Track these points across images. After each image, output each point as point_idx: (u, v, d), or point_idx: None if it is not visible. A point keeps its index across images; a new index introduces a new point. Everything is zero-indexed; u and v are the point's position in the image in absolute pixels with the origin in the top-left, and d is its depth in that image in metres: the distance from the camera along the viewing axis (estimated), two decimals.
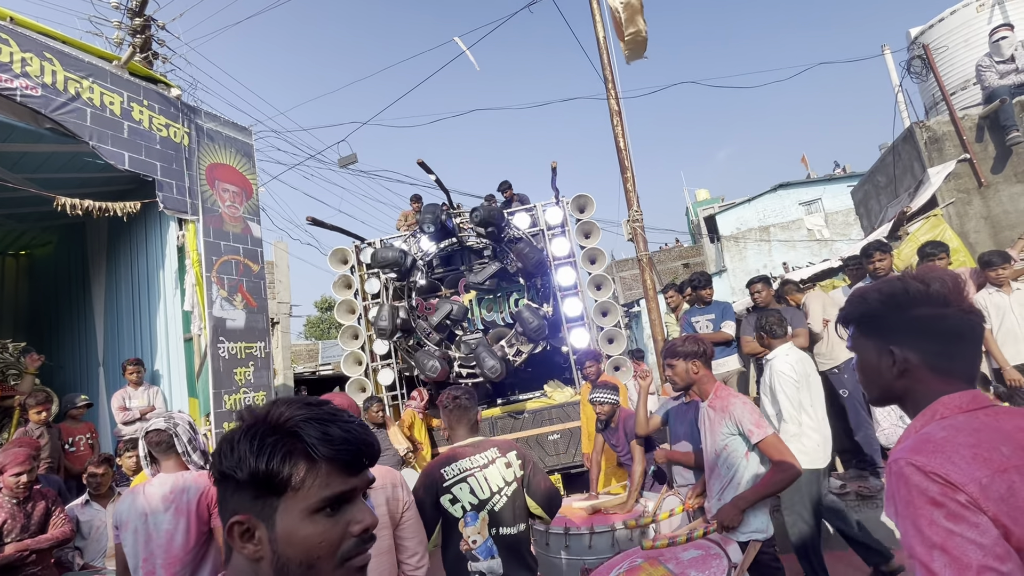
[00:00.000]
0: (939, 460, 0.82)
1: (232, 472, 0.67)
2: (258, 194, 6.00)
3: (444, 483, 2.00)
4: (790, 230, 17.19)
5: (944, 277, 0.97)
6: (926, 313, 0.95)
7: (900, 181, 6.25)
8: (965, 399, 0.91)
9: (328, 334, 30.81)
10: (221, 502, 0.70)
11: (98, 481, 3.73)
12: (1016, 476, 0.78)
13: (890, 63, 8.00)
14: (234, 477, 0.67)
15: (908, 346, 0.96)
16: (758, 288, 4.64)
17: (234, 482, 0.68)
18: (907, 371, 0.96)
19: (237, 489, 0.68)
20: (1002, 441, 0.83)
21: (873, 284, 1.07)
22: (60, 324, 6.83)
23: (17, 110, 4.09)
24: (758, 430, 2.31)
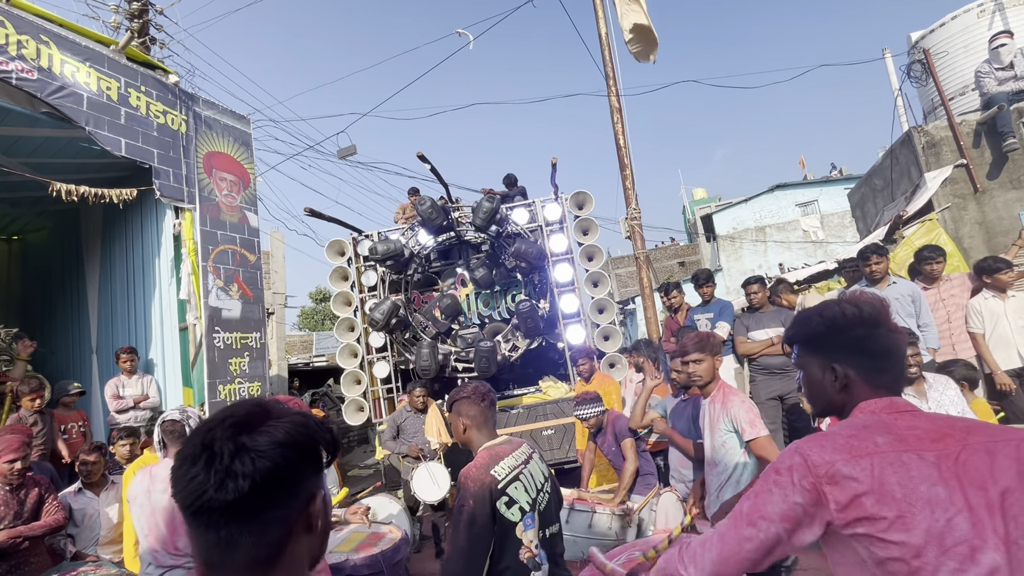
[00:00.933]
0: (811, 445, 1.00)
1: (310, 453, 0.73)
2: (255, 184, 5.96)
3: (498, 485, 1.77)
4: (786, 231, 17.28)
5: (873, 301, 1.12)
6: (861, 333, 1.09)
7: (897, 185, 6.28)
8: (880, 404, 1.05)
9: (322, 325, 30.72)
10: (291, 483, 0.71)
11: (90, 469, 3.72)
12: (877, 460, 0.94)
13: (890, 66, 8.04)
14: (312, 456, 0.73)
15: (847, 363, 1.09)
16: (754, 289, 4.67)
17: (312, 460, 0.73)
18: (847, 385, 1.09)
19: (312, 468, 0.74)
20: (882, 434, 0.98)
21: (814, 308, 1.19)
22: (53, 310, 6.77)
23: (12, 93, 4.04)
24: (751, 429, 2.34)
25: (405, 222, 7.41)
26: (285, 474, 0.69)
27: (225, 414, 0.72)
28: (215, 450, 0.66)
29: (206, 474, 0.65)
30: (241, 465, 0.66)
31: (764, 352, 4.47)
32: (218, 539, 0.67)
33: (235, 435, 0.68)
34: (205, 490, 0.65)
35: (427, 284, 6.82)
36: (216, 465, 0.66)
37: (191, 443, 0.69)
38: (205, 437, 0.68)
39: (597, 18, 7.60)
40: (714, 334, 2.64)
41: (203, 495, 0.65)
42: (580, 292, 6.28)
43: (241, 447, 0.67)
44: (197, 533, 0.68)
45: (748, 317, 4.67)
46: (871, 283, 4.11)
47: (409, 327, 6.40)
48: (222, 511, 0.66)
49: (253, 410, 0.73)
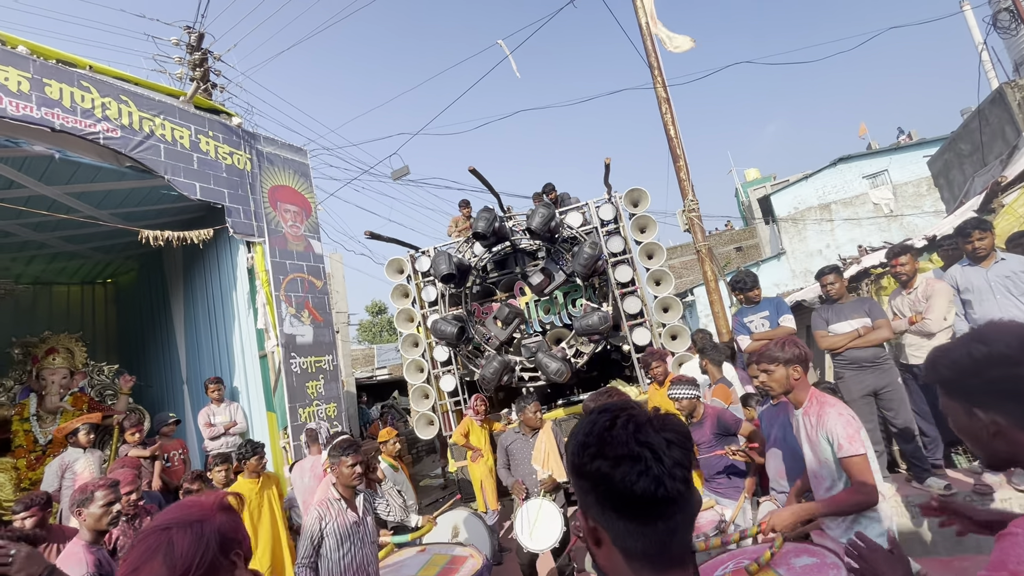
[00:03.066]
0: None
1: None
2: (316, 212, 6.19)
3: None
4: (854, 206, 16.14)
5: (1006, 336, 0.96)
6: (996, 375, 0.94)
7: (989, 148, 5.69)
8: None
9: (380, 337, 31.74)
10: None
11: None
12: None
13: (971, 19, 7.28)
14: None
15: (991, 408, 0.94)
16: (830, 280, 4.17)
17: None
18: (999, 432, 0.94)
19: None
20: None
21: (941, 348, 1.05)
22: (146, 346, 7.32)
23: (101, 152, 4.39)
24: (848, 445, 2.15)
25: (459, 235, 7.49)
26: (691, 462, 0.77)
27: (632, 414, 0.77)
28: (654, 444, 0.72)
29: (659, 466, 0.71)
30: (677, 455, 0.73)
31: (851, 345, 4.13)
32: (667, 529, 0.73)
33: (661, 431, 0.75)
34: (662, 481, 0.71)
35: (486, 295, 6.85)
36: (663, 457, 0.72)
37: (622, 444, 0.73)
38: (637, 436, 0.73)
39: (636, 8, 7.39)
40: (798, 341, 2.41)
41: (660, 486, 0.71)
42: (642, 291, 6.10)
43: (670, 442, 0.74)
44: (645, 526, 0.73)
45: (826, 309, 4.29)
46: (975, 261, 3.72)
47: (472, 340, 6.44)
48: (674, 500, 0.72)
49: (644, 411, 0.79)
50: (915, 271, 3.97)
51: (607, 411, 0.79)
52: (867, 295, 5.43)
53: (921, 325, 3.85)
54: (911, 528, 3.80)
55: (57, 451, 4.85)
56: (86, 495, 2.65)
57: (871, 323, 3.97)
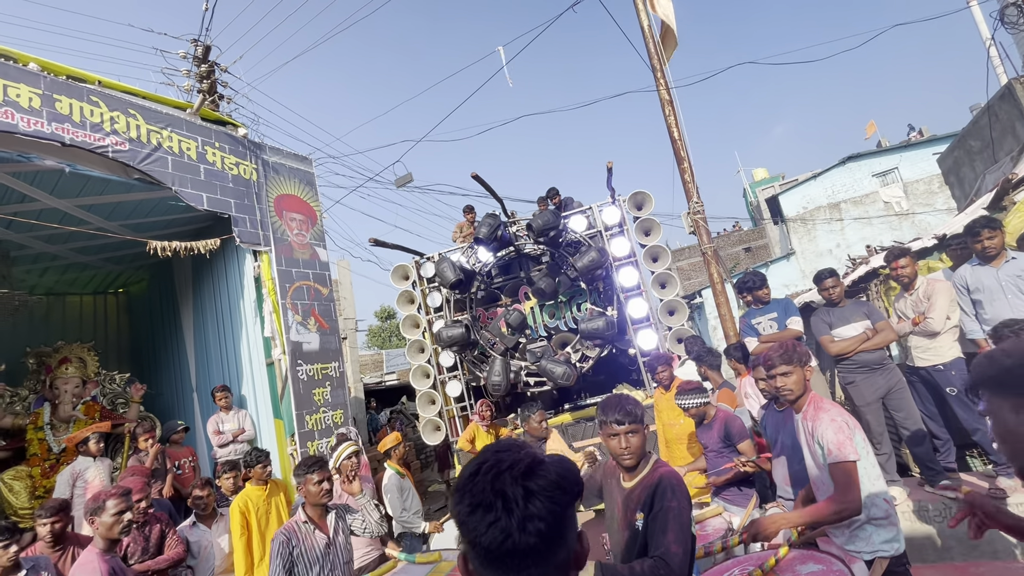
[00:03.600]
0: None
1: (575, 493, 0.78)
2: (322, 220, 6.25)
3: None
4: (864, 204, 15.96)
5: None
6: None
7: (999, 144, 5.61)
8: None
9: (390, 342, 31.85)
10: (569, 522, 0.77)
11: (204, 503, 3.99)
12: None
13: (978, 15, 7.19)
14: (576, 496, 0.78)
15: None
16: (830, 284, 4.08)
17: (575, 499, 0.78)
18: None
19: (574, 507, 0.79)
20: None
21: (1002, 347, 1.05)
22: (156, 354, 7.42)
23: (110, 165, 4.47)
24: (837, 452, 2.12)
25: (463, 240, 7.51)
26: (564, 515, 0.72)
27: (501, 460, 0.74)
28: (508, 495, 0.69)
29: (507, 518, 0.68)
30: (535, 508, 0.69)
31: (861, 348, 4.07)
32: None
33: (522, 480, 0.71)
34: (509, 534, 0.68)
35: (491, 300, 6.86)
36: (515, 509, 0.68)
37: (477, 490, 0.71)
38: (494, 484, 0.71)
39: (638, 11, 7.39)
40: (800, 343, 2.41)
41: (508, 538, 0.68)
42: (648, 295, 6.08)
43: (530, 491, 0.70)
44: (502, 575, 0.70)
45: (827, 313, 4.21)
46: (984, 260, 3.66)
47: (477, 345, 6.45)
48: (525, 554, 0.68)
49: (524, 455, 0.75)
50: (915, 273, 3.92)
51: (483, 454, 0.78)
52: (876, 296, 5.36)
53: (924, 325, 3.80)
54: (925, 532, 3.74)
55: (70, 459, 4.92)
56: (98, 504, 2.69)
57: (872, 325, 3.92)
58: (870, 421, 3.91)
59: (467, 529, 0.71)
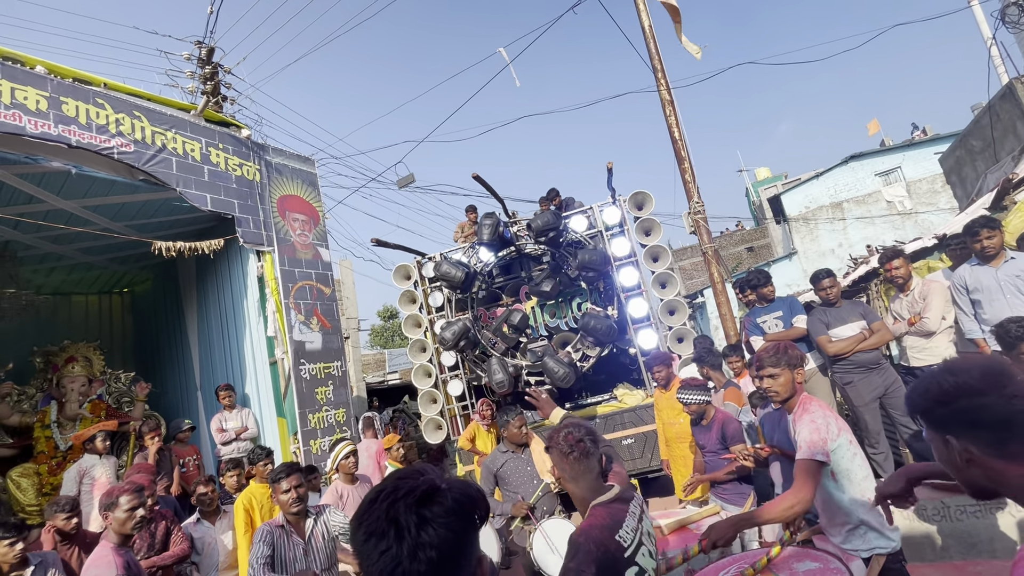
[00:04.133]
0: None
1: (473, 519, 0.79)
2: (324, 220, 6.30)
3: (625, 554, 1.49)
4: (866, 204, 15.92)
5: (973, 368, 1.02)
6: (966, 405, 0.99)
7: (1000, 144, 5.61)
8: None
9: (392, 342, 31.94)
10: (467, 549, 0.77)
11: (209, 499, 4.05)
12: None
13: (979, 15, 7.18)
14: (475, 522, 0.79)
15: (963, 437, 0.99)
16: (826, 284, 4.10)
17: (475, 526, 0.78)
18: (972, 460, 0.99)
19: (475, 534, 0.78)
20: None
21: (919, 382, 1.10)
22: (161, 353, 7.49)
23: (115, 166, 4.53)
24: (805, 448, 2.12)
25: (465, 240, 7.55)
26: (461, 542, 0.72)
27: (398, 487, 0.74)
28: (401, 523, 0.69)
29: (398, 547, 0.68)
30: (427, 536, 0.68)
31: (858, 348, 4.09)
32: None
33: (417, 507, 0.71)
34: (400, 562, 0.68)
35: (492, 300, 6.89)
36: (406, 537, 0.68)
37: (372, 518, 0.71)
38: (389, 512, 0.70)
39: (639, 11, 7.41)
40: (793, 346, 2.41)
41: (398, 567, 0.68)
42: (648, 295, 6.10)
43: (424, 519, 0.70)
44: None
45: (824, 313, 4.23)
46: (983, 260, 3.68)
47: (478, 344, 6.49)
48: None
49: (422, 482, 0.75)
50: (910, 274, 3.93)
51: (384, 481, 0.77)
52: (876, 295, 5.38)
53: (920, 325, 3.81)
54: (923, 531, 3.75)
55: (76, 457, 4.99)
56: (112, 499, 2.74)
57: (868, 326, 3.94)
58: (868, 421, 3.93)
59: (362, 557, 0.70)
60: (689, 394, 3.52)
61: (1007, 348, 2.50)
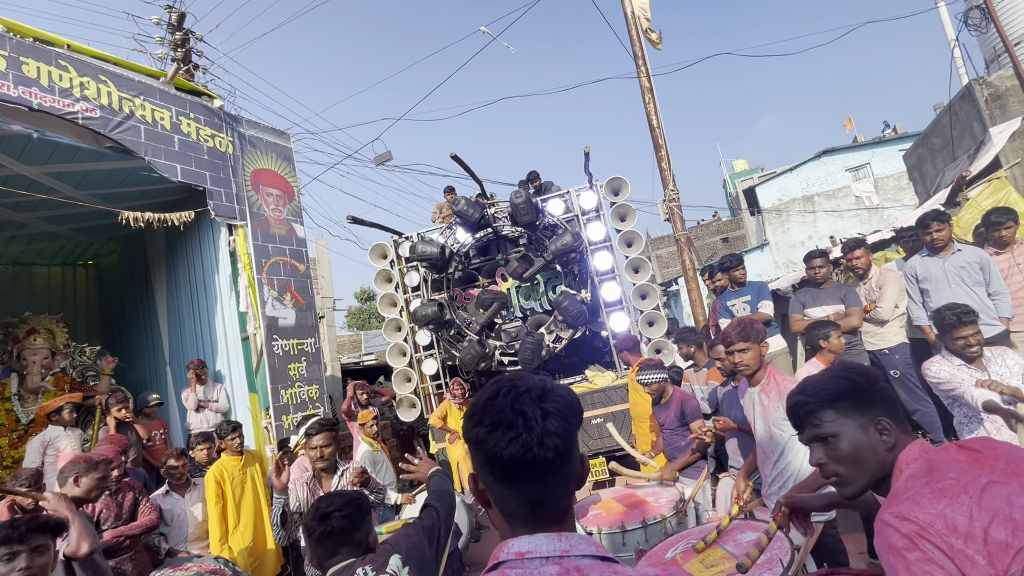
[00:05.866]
0: (907, 507, 0.92)
1: (582, 416, 0.86)
2: (299, 196, 6.21)
3: None
4: (836, 198, 16.40)
5: (855, 364, 1.20)
6: (884, 387, 1.13)
7: (958, 143, 5.87)
8: (916, 449, 1.05)
9: (369, 324, 31.68)
10: (576, 441, 0.85)
11: (179, 472, 4.05)
12: (971, 492, 0.89)
13: (945, 16, 7.42)
14: (580, 420, 0.84)
15: (887, 416, 1.08)
16: (818, 263, 4.33)
17: (580, 423, 0.84)
18: (897, 442, 1.08)
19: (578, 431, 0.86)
20: (949, 470, 0.95)
21: (837, 368, 1.20)
22: (128, 327, 7.33)
23: (80, 132, 4.38)
24: None
25: (443, 221, 7.55)
26: (572, 434, 0.79)
27: (516, 386, 0.79)
28: (528, 414, 0.75)
29: (528, 434, 0.74)
30: (552, 425, 0.75)
31: None
32: (535, 493, 0.76)
33: (539, 401, 0.76)
34: (529, 447, 0.74)
35: (468, 281, 6.94)
36: (535, 426, 0.74)
37: (497, 410, 0.76)
38: (514, 404, 0.76)
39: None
40: (757, 321, 2.57)
41: (528, 451, 0.74)
42: (621, 279, 6.24)
43: (546, 412, 0.76)
44: (514, 488, 0.77)
45: (805, 293, 4.46)
46: (932, 252, 3.89)
47: (454, 324, 6.55)
48: (542, 465, 0.75)
49: (537, 381, 0.81)
50: (869, 263, 4.14)
51: (496, 383, 0.82)
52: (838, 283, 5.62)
53: (874, 313, 4.02)
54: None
55: (39, 430, 4.89)
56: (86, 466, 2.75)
57: (844, 310, 4.13)
58: None
59: (486, 447, 0.76)
60: (647, 374, 3.66)
61: (942, 333, 2.69)
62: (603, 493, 3.44)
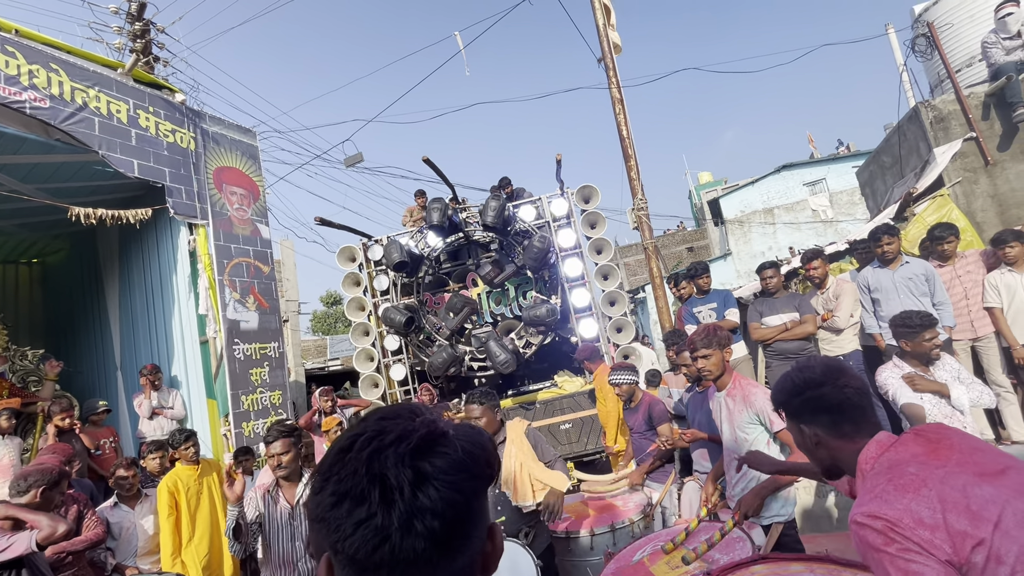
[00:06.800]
0: (876, 506, 0.97)
1: (486, 477, 0.60)
2: (265, 196, 6.04)
3: None
4: (795, 211, 17.11)
5: (814, 364, 1.26)
6: (810, 395, 1.21)
7: (906, 161, 6.22)
8: (873, 449, 1.11)
9: (335, 328, 30.98)
10: (476, 517, 0.59)
11: (129, 483, 3.84)
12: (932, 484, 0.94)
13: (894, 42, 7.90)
14: (487, 480, 0.59)
15: (810, 423, 1.21)
16: (769, 274, 4.59)
17: (486, 485, 0.59)
18: (820, 443, 1.20)
19: (485, 495, 0.61)
20: (909, 465, 1.00)
21: (779, 381, 1.32)
22: (76, 330, 6.93)
23: (27, 122, 4.14)
24: (778, 420, 2.37)
25: (413, 224, 7.47)
26: (471, 506, 0.53)
27: (383, 430, 0.54)
28: (390, 481, 0.49)
29: (385, 514, 0.48)
30: (427, 498, 0.49)
31: (778, 337, 4.47)
32: None
33: (412, 459, 0.51)
34: (387, 536, 0.48)
35: (439, 285, 6.88)
36: (397, 501, 0.49)
37: (351, 474, 0.51)
38: (371, 464, 0.50)
39: (594, 9, 7.56)
40: (722, 328, 2.65)
41: (384, 542, 0.48)
42: (591, 286, 6.31)
43: (422, 475, 0.50)
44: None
45: (761, 303, 4.65)
46: (883, 264, 4.10)
47: (423, 329, 6.47)
48: (409, 563, 0.49)
49: (419, 424, 0.55)
50: (827, 274, 4.34)
51: (362, 422, 0.57)
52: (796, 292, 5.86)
53: (831, 322, 4.21)
54: (821, 505, 4.16)
55: None
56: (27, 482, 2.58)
57: (799, 317, 4.31)
58: None
59: (328, 528, 0.50)
60: (619, 375, 3.70)
61: (910, 337, 2.82)
62: (572, 498, 3.46)
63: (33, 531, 2.04)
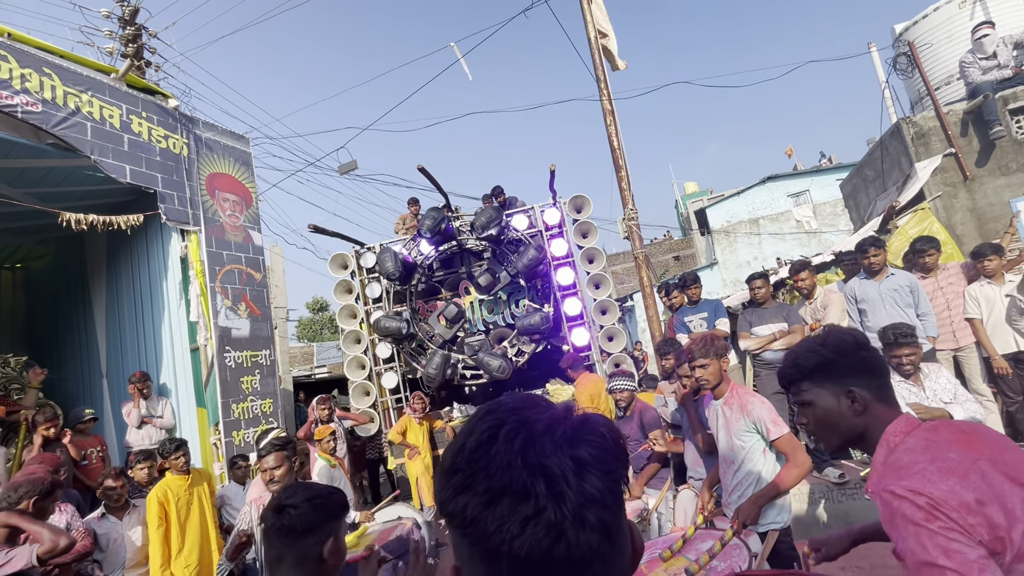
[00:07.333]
0: (920, 483, 0.93)
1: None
2: (257, 202, 6.02)
3: None
4: (779, 222, 17.42)
5: (846, 333, 1.21)
6: (864, 355, 1.15)
7: (888, 175, 6.41)
8: (904, 424, 1.08)
9: (321, 335, 30.68)
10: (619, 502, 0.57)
11: (117, 494, 3.77)
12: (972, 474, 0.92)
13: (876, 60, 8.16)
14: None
15: (861, 385, 1.13)
16: (758, 284, 4.64)
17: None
18: (867, 408, 1.12)
19: None
20: (949, 449, 0.97)
21: (814, 340, 1.23)
22: (60, 337, 6.80)
23: (19, 126, 4.09)
24: (775, 428, 2.42)
25: (406, 232, 7.49)
26: (620, 494, 0.50)
27: (528, 419, 0.49)
28: (553, 471, 0.45)
29: (556, 508, 0.44)
30: (594, 489, 0.46)
31: (767, 347, 4.55)
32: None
33: (571, 448, 0.47)
34: (563, 531, 0.44)
35: (431, 293, 6.89)
36: (567, 493, 0.45)
37: (504, 468, 0.46)
38: (528, 455, 0.46)
39: (586, 23, 7.69)
40: (719, 337, 2.71)
41: (560, 539, 0.44)
42: (583, 294, 6.37)
43: (582, 463, 0.47)
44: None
45: (751, 313, 4.72)
46: (869, 275, 4.21)
47: (415, 337, 6.47)
48: (585, 563, 0.45)
49: (560, 412, 0.51)
50: (814, 284, 4.44)
51: (491, 414, 0.51)
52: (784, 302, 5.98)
53: (819, 332, 4.30)
54: (811, 513, 4.23)
55: None
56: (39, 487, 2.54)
57: (788, 328, 4.39)
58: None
59: (483, 531, 0.45)
60: (619, 382, 3.74)
61: (887, 349, 2.91)
62: None
63: (33, 545, 2.01)
